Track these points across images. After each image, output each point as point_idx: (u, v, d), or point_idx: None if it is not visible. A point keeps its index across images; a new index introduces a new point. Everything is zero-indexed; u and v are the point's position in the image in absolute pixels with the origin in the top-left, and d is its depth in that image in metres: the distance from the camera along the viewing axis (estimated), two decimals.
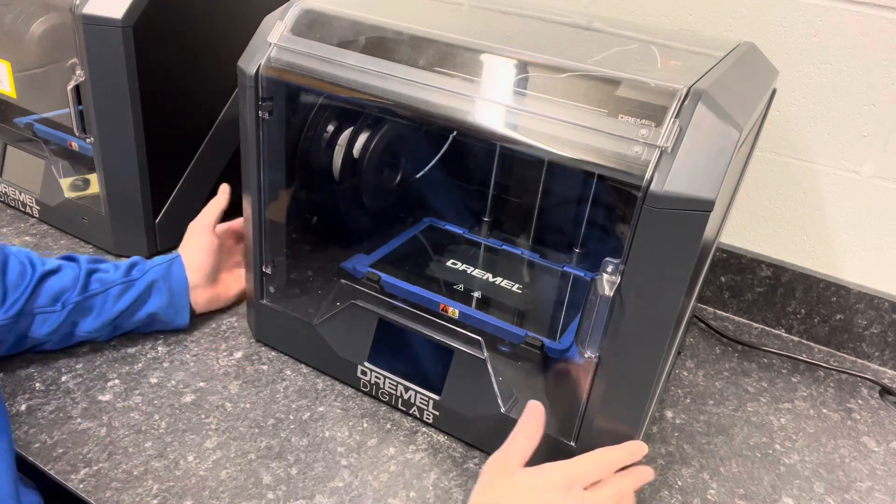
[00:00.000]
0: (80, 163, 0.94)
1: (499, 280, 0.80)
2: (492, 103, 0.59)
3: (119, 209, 0.88)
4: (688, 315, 0.78)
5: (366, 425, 0.70)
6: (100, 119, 0.82)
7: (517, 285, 0.79)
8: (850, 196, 0.87)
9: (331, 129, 0.77)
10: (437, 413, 0.69)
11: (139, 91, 0.82)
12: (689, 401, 0.80)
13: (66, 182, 0.93)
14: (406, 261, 0.82)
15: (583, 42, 0.73)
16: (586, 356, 0.58)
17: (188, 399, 0.71)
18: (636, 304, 0.54)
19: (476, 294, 0.77)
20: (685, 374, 0.84)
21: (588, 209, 0.77)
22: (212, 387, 0.73)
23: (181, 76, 0.87)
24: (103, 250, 0.92)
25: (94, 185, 0.90)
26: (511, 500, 0.54)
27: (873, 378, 0.86)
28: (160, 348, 0.76)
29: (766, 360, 0.89)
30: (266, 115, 0.68)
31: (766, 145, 0.88)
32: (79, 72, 0.81)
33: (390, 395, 0.72)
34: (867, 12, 0.79)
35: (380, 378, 0.71)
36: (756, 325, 0.96)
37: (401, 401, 0.71)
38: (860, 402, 0.83)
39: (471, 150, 0.84)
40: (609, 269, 0.54)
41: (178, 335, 0.79)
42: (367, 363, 0.72)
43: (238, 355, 0.77)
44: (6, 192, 0.99)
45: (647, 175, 0.50)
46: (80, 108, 0.83)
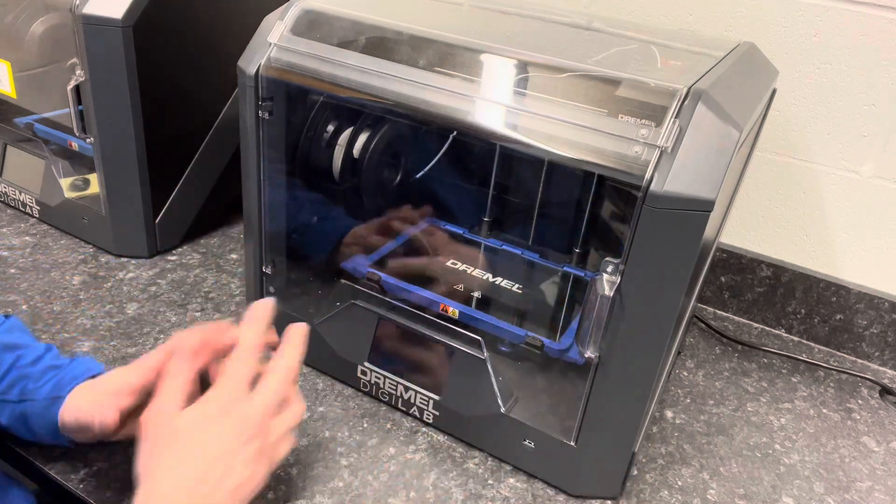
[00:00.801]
0: (80, 163, 0.94)
1: (499, 280, 0.79)
2: (492, 103, 0.59)
3: (119, 209, 0.88)
4: (688, 315, 0.78)
5: (366, 425, 0.70)
6: (100, 119, 0.82)
7: (517, 285, 0.79)
8: (850, 196, 0.87)
9: (331, 129, 0.77)
10: (437, 413, 0.69)
11: (139, 91, 0.82)
12: (689, 401, 0.80)
13: (66, 182, 0.94)
14: (406, 261, 0.82)
15: (583, 42, 0.73)
16: (586, 356, 0.58)
17: None
18: (636, 304, 0.54)
19: (476, 294, 0.77)
20: (685, 374, 0.84)
21: (588, 209, 0.77)
22: None
23: (181, 76, 0.87)
24: (103, 250, 0.92)
25: (94, 185, 0.90)
26: (177, 451, 0.49)
27: (873, 378, 0.86)
28: None
29: (766, 360, 0.89)
30: (266, 115, 0.68)
31: (766, 145, 0.88)
32: (79, 72, 0.81)
33: (390, 395, 0.72)
34: (867, 12, 0.79)
35: (380, 378, 0.71)
36: (756, 325, 0.96)
37: (401, 401, 0.71)
38: (860, 402, 0.83)
39: (471, 150, 0.84)
40: (609, 269, 0.54)
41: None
42: (367, 363, 0.72)
43: None
44: (6, 192, 0.99)
45: (647, 175, 0.50)
46: (80, 108, 0.83)
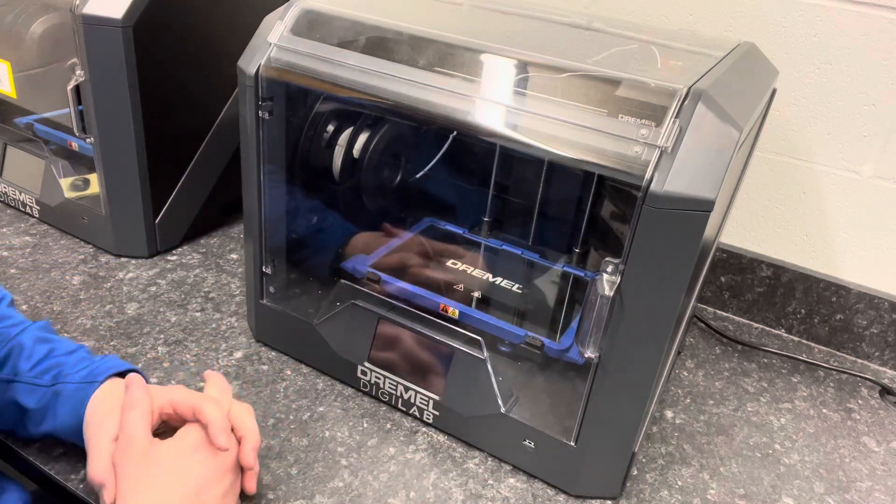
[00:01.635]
0: (80, 163, 0.94)
1: (499, 280, 0.79)
2: (492, 103, 0.59)
3: (119, 209, 0.88)
4: (688, 315, 0.78)
5: (366, 425, 0.70)
6: (100, 119, 0.82)
7: (517, 285, 0.79)
8: (850, 196, 0.87)
9: (331, 129, 0.77)
10: (437, 413, 0.69)
11: (139, 91, 0.82)
12: (689, 401, 0.80)
13: (66, 182, 0.94)
14: (406, 261, 0.82)
15: (583, 42, 0.73)
16: (586, 356, 0.58)
17: None
18: (636, 304, 0.54)
19: (476, 294, 0.77)
20: (685, 374, 0.84)
21: (588, 209, 0.77)
22: None
23: (181, 76, 0.87)
24: (103, 250, 0.92)
25: (94, 185, 0.90)
26: (155, 480, 0.52)
27: (873, 378, 0.86)
28: (160, 348, 0.76)
29: (766, 360, 0.89)
30: (266, 115, 0.68)
31: (766, 145, 0.88)
32: (79, 72, 0.81)
33: (390, 395, 0.72)
34: (867, 12, 0.79)
35: (380, 378, 0.71)
36: (756, 325, 0.96)
37: (401, 401, 0.71)
38: (860, 402, 0.83)
39: (471, 150, 0.84)
40: (609, 269, 0.54)
41: (179, 335, 0.79)
42: (367, 363, 0.72)
43: (238, 355, 0.77)
44: (6, 192, 0.99)
45: (647, 175, 0.50)
46: (80, 108, 0.83)
